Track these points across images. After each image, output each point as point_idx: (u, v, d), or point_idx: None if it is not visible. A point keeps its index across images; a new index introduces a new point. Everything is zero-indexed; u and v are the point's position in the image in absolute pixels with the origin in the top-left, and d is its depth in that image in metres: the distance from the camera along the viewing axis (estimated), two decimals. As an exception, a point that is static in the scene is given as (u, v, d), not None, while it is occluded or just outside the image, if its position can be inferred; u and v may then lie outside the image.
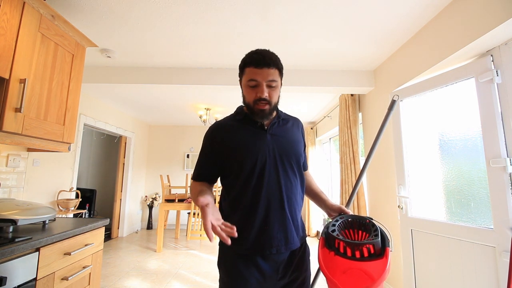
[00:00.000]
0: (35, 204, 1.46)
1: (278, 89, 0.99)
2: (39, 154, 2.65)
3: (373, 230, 0.87)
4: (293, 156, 0.99)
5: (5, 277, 1.03)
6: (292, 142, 1.02)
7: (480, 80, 1.55)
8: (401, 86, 2.23)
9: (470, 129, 1.67)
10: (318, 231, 4.73)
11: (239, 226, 0.91)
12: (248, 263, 0.93)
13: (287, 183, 0.97)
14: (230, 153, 0.97)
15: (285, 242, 0.93)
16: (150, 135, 5.76)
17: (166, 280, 2.81)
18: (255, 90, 0.95)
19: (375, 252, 0.80)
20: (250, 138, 0.98)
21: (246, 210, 0.94)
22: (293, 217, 0.97)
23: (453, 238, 1.67)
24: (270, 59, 0.94)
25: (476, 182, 1.63)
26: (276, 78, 0.96)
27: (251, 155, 0.95)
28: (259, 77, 0.93)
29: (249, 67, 0.94)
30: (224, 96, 3.74)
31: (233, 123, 1.03)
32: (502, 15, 1.33)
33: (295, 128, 1.09)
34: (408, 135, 2.10)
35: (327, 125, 4.26)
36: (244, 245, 0.92)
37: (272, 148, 0.97)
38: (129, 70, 2.72)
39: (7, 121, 1.29)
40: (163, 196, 4.19)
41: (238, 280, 0.93)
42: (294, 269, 0.97)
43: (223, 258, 0.99)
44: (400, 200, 2.08)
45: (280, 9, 1.75)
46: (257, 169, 0.94)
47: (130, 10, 1.78)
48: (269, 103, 0.96)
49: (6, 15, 1.30)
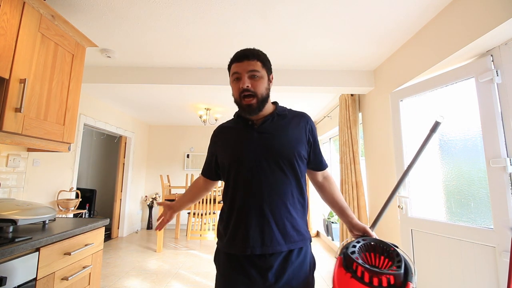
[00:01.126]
0: (35, 204, 1.46)
1: (264, 81, 0.97)
2: (39, 154, 2.65)
3: (396, 260, 0.81)
4: (282, 154, 0.93)
5: (5, 277, 1.03)
6: (284, 139, 0.96)
7: (480, 80, 1.55)
8: (401, 86, 2.23)
9: (470, 129, 1.66)
10: (319, 231, 4.73)
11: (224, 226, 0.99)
12: (235, 264, 0.93)
13: (272, 183, 0.92)
14: (219, 154, 1.05)
15: (261, 243, 0.89)
16: (150, 135, 5.76)
17: (166, 280, 2.81)
18: (238, 83, 0.96)
19: (396, 284, 0.74)
20: (236, 138, 1.00)
21: (228, 210, 0.98)
22: (277, 219, 0.91)
23: (453, 238, 1.67)
24: (250, 52, 0.97)
25: (476, 182, 1.63)
26: (258, 69, 0.95)
27: (231, 155, 0.98)
28: (240, 69, 0.95)
29: (233, 64, 0.98)
30: (224, 96, 3.74)
31: (230, 125, 1.08)
32: (502, 15, 1.33)
33: (293, 125, 1.00)
34: (408, 135, 2.10)
35: (327, 125, 4.26)
36: (227, 244, 0.95)
37: (256, 146, 0.95)
38: (129, 70, 2.72)
39: (7, 121, 1.29)
40: (163, 196, 4.20)
41: (226, 279, 0.95)
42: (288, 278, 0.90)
43: (217, 256, 1.02)
44: (400, 200, 2.08)
45: (280, 9, 1.75)
46: (235, 169, 0.96)
47: (130, 10, 1.78)
48: (254, 95, 0.94)
49: (6, 15, 1.30)
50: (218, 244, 1.01)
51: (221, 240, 0.99)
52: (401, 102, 2.14)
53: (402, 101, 2.14)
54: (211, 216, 4.21)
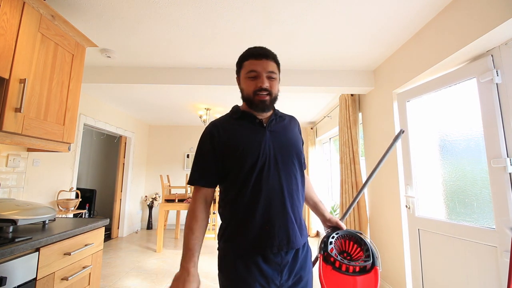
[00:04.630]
0: (35, 204, 1.46)
1: (277, 82, 1.00)
2: (39, 154, 2.65)
3: (363, 245, 1.03)
4: (293, 152, 0.98)
5: (5, 277, 1.03)
6: (291, 138, 1.02)
7: (481, 80, 1.55)
8: (401, 85, 2.23)
9: (473, 129, 1.67)
10: (319, 231, 4.73)
11: (239, 226, 0.91)
12: (250, 266, 0.88)
13: (289, 180, 0.94)
14: (229, 152, 0.94)
15: (287, 242, 0.90)
16: (150, 135, 5.76)
17: (166, 280, 2.81)
18: (255, 81, 0.95)
19: (366, 267, 0.97)
20: (250, 135, 0.96)
21: (246, 209, 0.91)
22: (295, 215, 0.94)
23: (458, 238, 1.67)
24: (269, 52, 0.98)
25: (479, 182, 1.63)
26: (275, 70, 0.98)
27: (252, 152, 0.92)
28: (259, 67, 0.95)
29: (248, 60, 0.97)
30: (224, 96, 3.73)
31: (230, 122, 1.01)
32: (502, 15, 1.33)
33: (292, 125, 1.08)
34: (413, 135, 2.12)
35: (327, 125, 4.26)
36: (245, 245, 0.89)
37: (272, 144, 0.96)
38: (129, 70, 2.72)
39: (7, 121, 1.29)
40: (163, 196, 4.20)
41: (239, 284, 0.88)
42: (298, 270, 0.94)
43: (224, 262, 0.94)
44: (408, 200, 2.09)
45: (280, 9, 1.74)
46: (258, 166, 0.91)
47: (130, 10, 1.78)
48: (269, 94, 0.96)
49: (6, 15, 1.30)
50: (226, 247, 0.93)
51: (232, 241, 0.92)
52: (408, 103, 2.16)
53: (409, 102, 2.15)
54: (211, 216, 4.21)
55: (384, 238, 2.52)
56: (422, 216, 1.97)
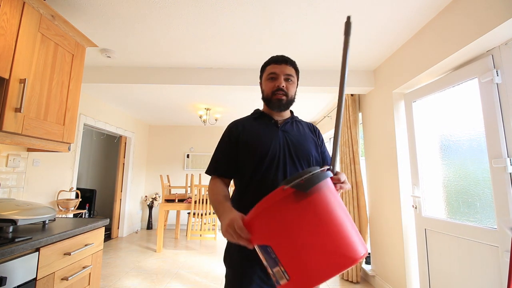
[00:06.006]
0: (35, 204, 1.45)
1: (295, 85, 1.11)
2: (39, 154, 2.65)
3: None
4: (303, 153, 1.03)
5: (5, 277, 1.03)
6: (303, 140, 1.07)
7: (482, 80, 1.55)
8: (401, 85, 2.23)
9: (475, 129, 1.67)
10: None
11: None
12: (252, 260, 0.93)
13: None
14: (242, 145, 1.04)
15: None
16: (150, 135, 5.76)
17: (166, 280, 2.81)
18: (273, 82, 1.07)
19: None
20: (263, 132, 1.06)
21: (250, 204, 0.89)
22: None
23: (462, 238, 1.68)
24: (289, 59, 1.11)
25: (481, 182, 1.63)
26: (293, 74, 1.09)
27: (261, 147, 1.00)
28: (277, 70, 1.07)
29: (270, 65, 1.10)
30: (224, 96, 3.74)
31: (250, 120, 1.13)
32: (502, 15, 1.33)
33: (307, 130, 1.15)
34: (419, 136, 2.12)
35: (327, 125, 4.26)
36: None
37: (283, 143, 1.03)
38: (129, 70, 2.72)
39: (7, 121, 1.29)
40: (163, 196, 4.20)
41: (242, 277, 0.95)
42: None
43: (229, 253, 1.02)
44: (414, 200, 2.10)
45: (280, 9, 1.74)
46: (266, 162, 0.98)
47: (130, 10, 1.78)
48: (286, 94, 1.06)
49: (6, 15, 1.30)
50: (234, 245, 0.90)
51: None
52: (414, 103, 2.16)
53: (415, 102, 2.16)
54: (211, 216, 4.21)
55: (384, 238, 2.52)
56: (429, 216, 1.98)
